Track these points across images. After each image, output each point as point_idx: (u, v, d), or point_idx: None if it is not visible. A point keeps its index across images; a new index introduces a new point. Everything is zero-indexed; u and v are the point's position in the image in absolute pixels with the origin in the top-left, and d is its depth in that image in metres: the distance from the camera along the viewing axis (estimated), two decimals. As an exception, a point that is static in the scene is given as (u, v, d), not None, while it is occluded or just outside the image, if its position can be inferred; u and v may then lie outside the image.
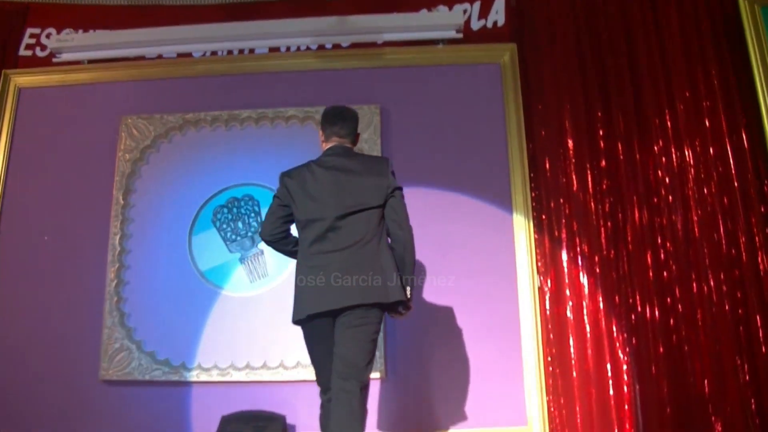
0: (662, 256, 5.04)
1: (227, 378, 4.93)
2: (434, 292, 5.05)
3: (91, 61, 5.72)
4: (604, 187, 5.22)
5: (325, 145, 3.88)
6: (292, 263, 5.01)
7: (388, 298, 3.56)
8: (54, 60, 5.73)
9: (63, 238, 5.33)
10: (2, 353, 5.15)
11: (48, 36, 5.88)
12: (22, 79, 5.72)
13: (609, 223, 5.14)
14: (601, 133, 5.31)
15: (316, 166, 3.77)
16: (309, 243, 3.65)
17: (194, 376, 4.96)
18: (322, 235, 3.62)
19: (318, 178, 3.71)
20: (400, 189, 3.76)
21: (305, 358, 4.18)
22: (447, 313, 4.99)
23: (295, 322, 3.68)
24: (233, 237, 5.22)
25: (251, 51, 5.75)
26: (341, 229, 3.61)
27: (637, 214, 5.13)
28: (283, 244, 3.90)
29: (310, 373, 4.51)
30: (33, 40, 5.90)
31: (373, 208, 3.67)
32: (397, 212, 3.71)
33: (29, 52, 5.87)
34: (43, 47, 5.86)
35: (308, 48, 5.71)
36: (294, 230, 3.86)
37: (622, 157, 5.24)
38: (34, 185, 5.48)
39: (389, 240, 3.72)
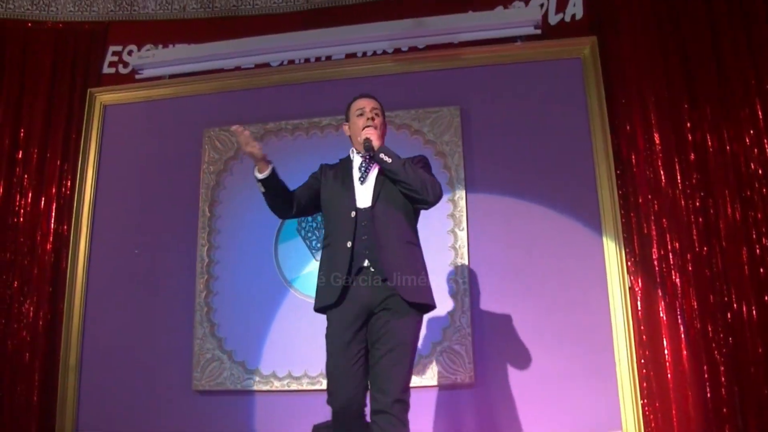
0: (758, 251, 4.86)
1: (317, 386, 4.95)
2: (521, 292, 4.99)
3: (172, 76, 5.84)
4: (694, 181, 5.06)
5: None
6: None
7: None
8: (137, 77, 5.89)
9: (153, 251, 5.47)
10: (98, 364, 5.33)
11: (129, 53, 6.02)
12: (106, 96, 5.87)
13: (700, 219, 4.99)
14: (688, 125, 5.15)
15: None
16: None
17: (285, 384, 5.03)
18: None
19: None
20: None
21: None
22: (535, 316, 4.92)
23: None
24: (318, 245, 5.25)
25: (328, 58, 5.76)
26: None
27: (729, 209, 4.96)
28: None
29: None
30: (115, 58, 6.04)
31: None
32: None
33: (112, 70, 6.01)
34: (125, 64, 6.00)
35: (384, 52, 5.71)
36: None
37: (711, 149, 5.07)
38: (122, 200, 5.63)
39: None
